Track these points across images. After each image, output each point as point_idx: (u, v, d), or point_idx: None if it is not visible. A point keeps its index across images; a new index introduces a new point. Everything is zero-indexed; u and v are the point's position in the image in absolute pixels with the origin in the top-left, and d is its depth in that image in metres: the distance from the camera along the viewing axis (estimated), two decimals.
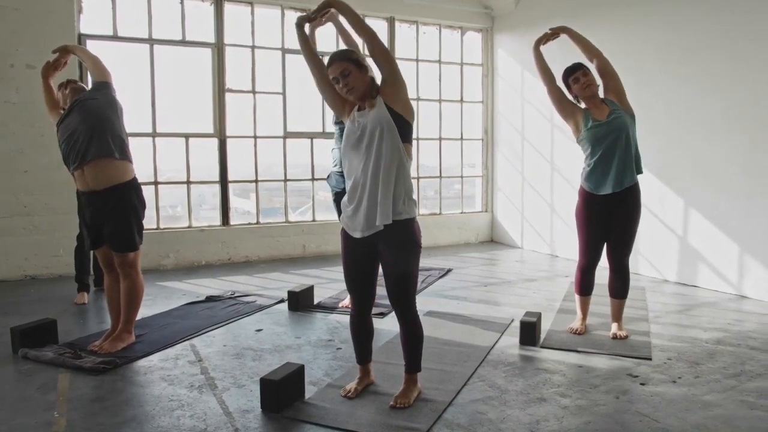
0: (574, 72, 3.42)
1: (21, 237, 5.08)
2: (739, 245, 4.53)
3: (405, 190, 2.50)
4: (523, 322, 3.47)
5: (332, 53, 2.55)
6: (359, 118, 2.51)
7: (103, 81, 3.34)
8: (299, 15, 2.79)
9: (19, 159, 5.04)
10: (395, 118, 2.46)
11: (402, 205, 2.49)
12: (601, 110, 3.38)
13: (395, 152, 2.46)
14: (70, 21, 5.13)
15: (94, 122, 3.22)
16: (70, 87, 3.54)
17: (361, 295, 2.68)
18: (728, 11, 4.49)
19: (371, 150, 2.46)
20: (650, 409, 2.59)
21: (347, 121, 2.56)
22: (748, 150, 4.43)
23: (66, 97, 3.51)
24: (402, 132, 2.48)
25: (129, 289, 3.37)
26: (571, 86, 3.44)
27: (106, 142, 3.22)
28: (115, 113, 3.31)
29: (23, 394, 2.75)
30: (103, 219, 3.26)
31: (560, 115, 3.53)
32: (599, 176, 3.39)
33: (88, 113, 3.23)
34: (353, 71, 2.46)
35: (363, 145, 2.47)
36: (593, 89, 3.39)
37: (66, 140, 3.28)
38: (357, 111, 2.54)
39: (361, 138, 2.48)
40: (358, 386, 2.75)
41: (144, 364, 3.15)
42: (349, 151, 2.54)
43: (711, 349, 3.35)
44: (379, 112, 2.47)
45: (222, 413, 2.55)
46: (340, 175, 4.10)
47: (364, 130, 2.48)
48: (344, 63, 2.46)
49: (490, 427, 2.43)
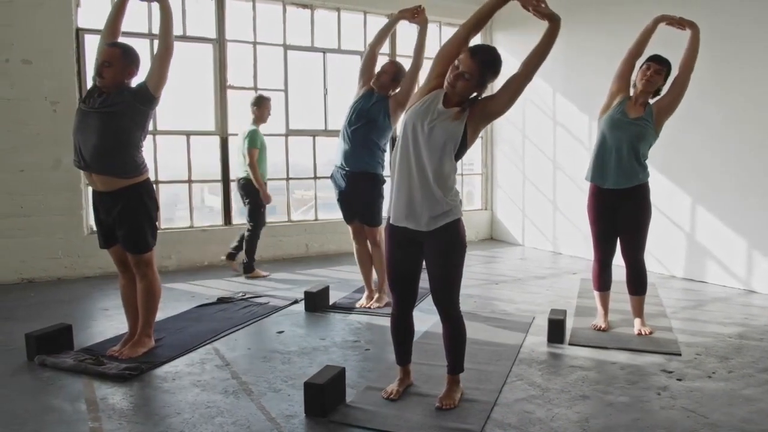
0: (654, 62, 3.34)
1: (17, 239, 4.88)
2: (748, 241, 4.61)
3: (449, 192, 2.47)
4: (552, 319, 3.46)
5: (485, 47, 2.44)
6: (437, 113, 2.40)
7: (149, 89, 3.02)
8: None
9: (14, 158, 4.84)
10: (463, 140, 2.41)
11: (449, 206, 2.46)
12: (637, 110, 3.38)
13: (449, 162, 2.42)
14: (67, 14, 4.94)
15: (109, 142, 2.96)
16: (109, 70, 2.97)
17: (404, 292, 2.64)
18: (731, 12, 4.56)
19: (431, 152, 2.38)
20: (694, 404, 2.61)
21: (421, 102, 2.44)
22: (754, 148, 4.51)
23: (101, 70, 2.97)
24: (460, 151, 2.45)
25: (146, 290, 3.25)
26: (640, 69, 3.38)
27: (112, 164, 2.99)
28: (137, 125, 3.05)
29: (50, 404, 2.63)
30: (114, 219, 3.13)
31: (611, 84, 3.48)
32: (596, 166, 3.47)
33: (106, 128, 2.96)
34: (472, 82, 2.36)
35: (426, 143, 2.39)
36: (650, 87, 3.34)
37: (75, 136, 3.05)
38: (442, 104, 2.42)
39: (427, 137, 2.39)
40: (399, 387, 2.70)
41: (169, 369, 3.04)
42: (409, 136, 2.42)
43: (736, 344, 3.39)
44: (457, 128, 2.39)
45: (265, 419, 2.47)
46: (343, 175, 4.02)
47: (433, 131, 2.38)
48: (476, 67, 2.33)
49: (542, 426, 2.41)
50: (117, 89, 3.00)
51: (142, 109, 3.06)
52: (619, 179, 3.40)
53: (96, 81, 3.02)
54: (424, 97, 2.46)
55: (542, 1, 2.42)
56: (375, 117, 3.90)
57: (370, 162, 3.97)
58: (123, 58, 3.01)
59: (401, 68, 4.02)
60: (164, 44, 3.06)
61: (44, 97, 4.89)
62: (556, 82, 6.06)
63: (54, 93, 4.92)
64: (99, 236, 3.26)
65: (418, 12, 3.89)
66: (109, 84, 2.98)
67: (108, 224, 3.16)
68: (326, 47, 6.21)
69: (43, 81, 4.87)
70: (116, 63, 2.98)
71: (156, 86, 3.06)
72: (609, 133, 3.38)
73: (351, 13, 6.34)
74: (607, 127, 3.39)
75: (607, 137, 3.40)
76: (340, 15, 6.24)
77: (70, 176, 5.01)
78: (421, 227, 2.46)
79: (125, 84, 3.04)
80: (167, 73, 3.09)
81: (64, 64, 4.95)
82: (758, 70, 4.45)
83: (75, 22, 5.02)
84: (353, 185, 3.99)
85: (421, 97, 2.47)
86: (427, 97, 2.45)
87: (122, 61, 3.00)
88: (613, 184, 3.41)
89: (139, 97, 3.03)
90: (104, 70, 2.97)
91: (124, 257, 3.26)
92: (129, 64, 3.04)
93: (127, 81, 3.04)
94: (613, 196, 3.45)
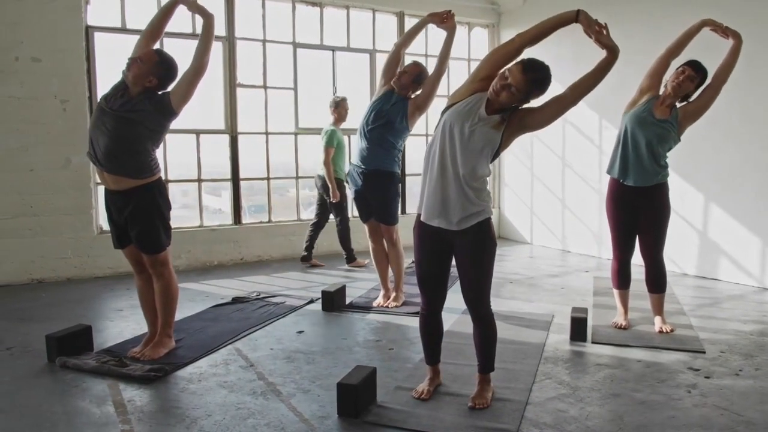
0: (690, 67, 3.31)
1: (27, 238, 4.83)
2: (761, 239, 4.62)
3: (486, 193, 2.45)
4: (574, 318, 3.46)
5: (538, 65, 2.37)
6: (478, 118, 2.38)
7: (171, 103, 2.97)
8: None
9: (23, 157, 4.78)
10: (498, 146, 2.41)
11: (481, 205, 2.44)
12: (663, 111, 3.37)
13: (484, 164, 2.42)
14: (76, 11, 4.88)
15: (121, 146, 2.92)
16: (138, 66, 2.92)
17: (433, 292, 2.62)
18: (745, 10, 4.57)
19: (467, 155, 2.37)
20: (726, 402, 2.60)
21: (464, 102, 2.41)
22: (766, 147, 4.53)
23: (131, 63, 2.94)
24: (493, 157, 2.45)
25: (164, 290, 3.20)
26: (675, 70, 3.36)
27: (123, 166, 2.95)
28: (152, 135, 3.00)
29: (76, 407, 2.59)
30: (126, 220, 3.07)
31: (643, 81, 3.45)
32: (616, 159, 3.46)
33: (121, 133, 2.91)
34: (517, 96, 2.33)
35: (463, 146, 2.37)
36: (680, 91, 3.32)
37: (91, 132, 3.00)
38: (485, 108, 2.39)
39: (466, 140, 2.37)
40: (430, 387, 2.69)
41: (193, 370, 3.01)
42: (446, 136, 2.40)
43: (759, 341, 3.40)
44: (495, 136, 2.38)
45: (298, 420, 2.44)
46: (359, 173, 4.00)
47: (473, 134, 2.37)
48: (523, 85, 2.30)
49: (578, 425, 2.40)
50: (139, 93, 2.96)
51: (160, 121, 3.01)
52: (638, 177, 3.40)
53: (123, 74, 2.98)
54: (467, 99, 2.43)
55: (604, 29, 2.38)
56: (393, 119, 3.87)
57: (386, 161, 3.96)
58: (157, 64, 2.96)
59: (423, 70, 3.99)
60: (199, 62, 3.01)
61: (54, 96, 4.83)
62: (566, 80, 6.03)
63: (64, 91, 4.86)
64: (112, 236, 3.21)
65: (447, 17, 3.80)
66: (131, 79, 2.94)
67: (120, 224, 3.12)
68: (335, 45, 6.18)
69: (53, 79, 4.81)
70: (147, 64, 2.94)
71: (179, 102, 3.01)
72: (632, 130, 3.38)
73: (360, 11, 6.30)
74: (632, 123, 3.38)
75: (630, 134, 3.39)
76: (349, 13, 6.20)
77: (79, 175, 4.96)
78: (452, 226, 2.44)
79: (147, 89, 2.97)
80: (194, 91, 3.04)
81: (74, 63, 4.90)
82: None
83: (84, 20, 4.96)
84: (370, 183, 3.98)
85: (462, 98, 2.44)
86: (471, 99, 2.43)
87: (154, 66, 2.95)
88: (634, 182, 3.41)
89: (159, 108, 2.98)
90: (134, 64, 2.93)
91: (140, 257, 3.21)
92: (158, 72, 2.95)
93: (149, 86, 2.96)
94: (633, 194, 3.45)
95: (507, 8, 6.86)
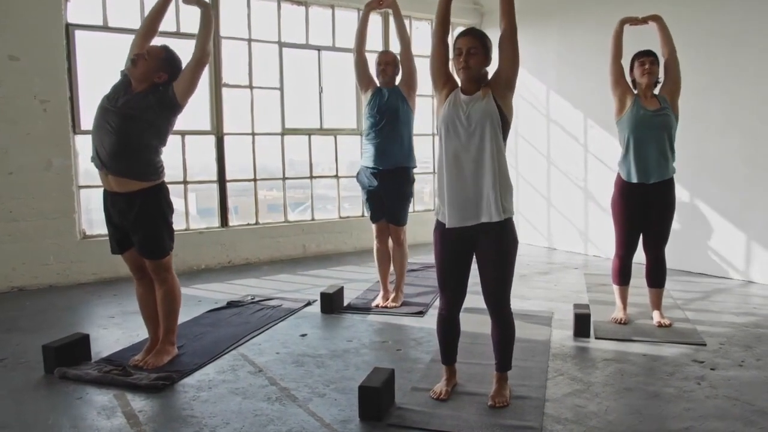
0: (643, 56, 3.48)
1: (6, 245, 4.62)
2: (746, 233, 4.77)
3: (508, 185, 2.47)
4: (578, 314, 3.50)
5: (468, 28, 2.56)
6: (465, 103, 2.44)
7: (176, 95, 2.90)
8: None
9: (2, 160, 4.57)
10: (501, 115, 2.43)
11: (506, 203, 2.45)
12: (651, 102, 3.46)
13: (500, 147, 2.43)
14: (56, 9, 4.69)
15: (126, 144, 2.84)
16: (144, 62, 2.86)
17: (454, 292, 2.61)
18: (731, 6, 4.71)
19: (477, 140, 2.40)
20: (735, 392, 2.67)
21: (446, 105, 2.48)
22: (753, 141, 4.67)
23: (137, 60, 2.87)
24: (503, 130, 2.46)
25: (167, 295, 3.11)
26: (634, 68, 3.50)
27: (129, 166, 2.87)
28: (158, 130, 2.93)
29: (84, 419, 2.48)
30: (129, 224, 2.98)
31: (612, 91, 3.56)
32: (632, 163, 3.48)
33: (126, 130, 2.83)
34: (479, 53, 2.44)
35: (469, 133, 2.41)
36: (651, 78, 3.45)
37: (95, 133, 2.91)
38: (462, 95, 2.47)
39: (468, 126, 2.41)
40: (447, 387, 2.68)
41: (201, 377, 2.93)
42: (451, 136, 2.44)
43: (755, 333, 3.50)
44: (489, 105, 2.42)
45: (320, 426, 2.40)
46: (373, 174, 3.98)
47: (471, 118, 2.42)
48: (476, 41, 2.44)
49: (599, 420, 2.42)
50: (143, 89, 2.88)
51: (166, 115, 2.94)
52: (661, 171, 3.46)
53: (127, 69, 2.90)
54: (445, 102, 2.50)
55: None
56: (396, 108, 3.93)
57: (400, 156, 3.98)
58: (163, 59, 2.91)
59: (396, 54, 4.13)
60: (201, 50, 2.93)
61: (34, 96, 4.64)
62: (550, 80, 6.14)
63: (44, 91, 4.67)
64: (111, 241, 3.10)
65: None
66: (138, 75, 2.86)
67: (121, 228, 3.01)
68: (321, 45, 6.11)
69: (33, 78, 4.62)
70: (153, 59, 2.88)
71: (184, 93, 2.94)
72: (640, 132, 3.42)
73: (345, 11, 6.26)
74: (636, 126, 3.43)
75: (639, 137, 3.43)
76: (334, 12, 6.15)
77: (61, 178, 4.78)
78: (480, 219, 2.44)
79: (153, 85, 2.91)
80: (197, 82, 2.98)
81: (54, 61, 4.71)
82: (761, 64, 4.58)
83: (65, 18, 4.78)
84: (386, 182, 3.97)
85: (441, 105, 2.52)
86: (448, 99, 2.50)
87: (161, 61, 2.90)
88: (657, 177, 3.46)
89: (165, 102, 2.91)
90: (140, 60, 2.86)
91: (140, 262, 3.11)
92: (165, 66, 2.92)
93: (158, 81, 2.91)
94: (645, 192, 3.49)
95: (490, 8, 6.91)
